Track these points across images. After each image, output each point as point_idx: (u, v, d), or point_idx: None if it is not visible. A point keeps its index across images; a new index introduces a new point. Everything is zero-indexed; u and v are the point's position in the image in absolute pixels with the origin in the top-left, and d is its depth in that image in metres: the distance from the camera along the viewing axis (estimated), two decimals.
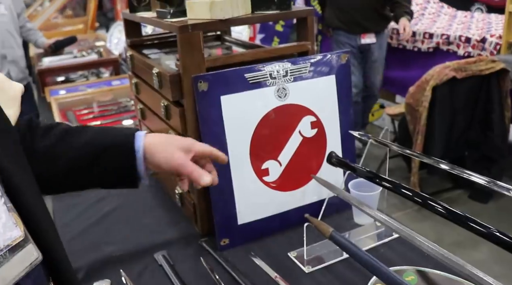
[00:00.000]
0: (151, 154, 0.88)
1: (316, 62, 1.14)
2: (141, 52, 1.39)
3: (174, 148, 0.89)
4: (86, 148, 0.87)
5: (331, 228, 1.01)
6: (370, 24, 3.51)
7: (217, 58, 1.08)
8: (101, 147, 0.87)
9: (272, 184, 1.14)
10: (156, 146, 0.88)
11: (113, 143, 0.88)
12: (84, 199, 1.39)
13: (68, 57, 3.09)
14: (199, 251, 1.12)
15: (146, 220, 1.27)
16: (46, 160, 0.85)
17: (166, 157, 0.87)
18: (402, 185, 0.93)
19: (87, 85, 2.76)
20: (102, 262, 1.10)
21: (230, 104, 1.06)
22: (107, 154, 0.87)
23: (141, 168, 0.89)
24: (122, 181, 0.91)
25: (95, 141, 0.88)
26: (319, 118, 1.16)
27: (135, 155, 0.87)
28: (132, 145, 0.87)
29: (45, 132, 0.87)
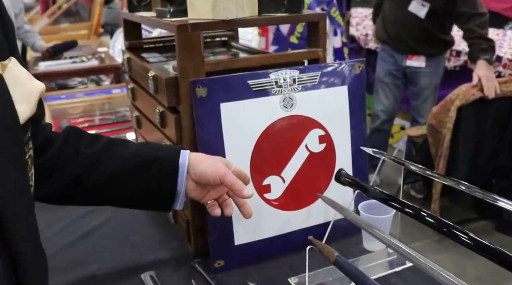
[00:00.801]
0: (197, 165, 0.94)
1: (327, 71, 1.13)
2: (139, 56, 1.39)
3: (217, 161, 0.96)
4: (131, 158, 0.93)
5: (336, 253, 0.99)
6: (418, 45, 3.17)
7: (219, 62, 1.07)
8: (146, 159, 0.93)
9: (274, 202, 1.12)
10: (200, 158, 0.96)
11: (158, 156, 0.94)
12: (70, 213, 1.38)
13: (66, 63, 3.12)
14: (191, 273, 1.10)
15: (135, 238, 1.25)
16: (91, 166, 0.92)
17: (211, 166, 0.94)
18: (421, 209, 0.89)
19: (85, 92, 2.78)
20: (83, 281, 1.08)
21: (231, 113, 1.05)
22: (151, 167, 0.93)
23: (181, 186, 0.94)
24: (158, 200, 0.96)
25: (140, 153, 0.94)
26: (328, 132, 1.14)
27: (178, 170, 0.93)
28: (177, 160, 0.94)
29: (92, 140, 0.95)
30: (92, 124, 2.28)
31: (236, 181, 0.93)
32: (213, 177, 0.93)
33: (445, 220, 0.83)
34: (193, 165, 0.94)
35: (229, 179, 0.93)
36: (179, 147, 0.99)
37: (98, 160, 0.92)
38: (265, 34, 4.12)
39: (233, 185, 0.93)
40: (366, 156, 1.22)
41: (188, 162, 0.94)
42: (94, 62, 3.12)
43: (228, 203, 1.00)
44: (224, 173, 0.93)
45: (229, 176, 0.93)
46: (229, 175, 0.93)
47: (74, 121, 2.29)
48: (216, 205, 0.99)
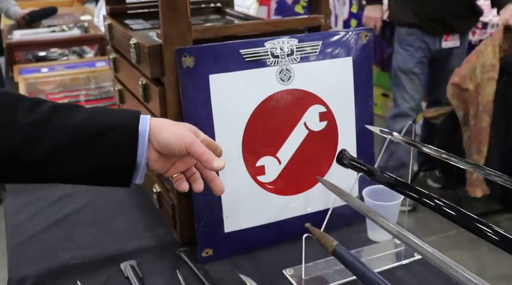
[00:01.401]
0: (159, 132, 0.90)
1: (330, 40, 1.12)
2: (122, 22, 1.38)
3: (184, 128, 0.93)
4: (79, 128, 0.87)
5: (335, 242, 0.99)
6: (458, 22, 3.09)
7: (207, 29, 1.07)
8: (99, 128, 0.87)
9: (268, 185, 1.12)
10: (164, 125, 0.91)
11: (113, 124, 0.88)
12: (44, 196, 1.39)
13: (45, 32, 3.11)
14: (176, 263, 1.11)
15: (116, 224, 1.26)
16: (29, 139, 0.85)
17: (176, 133, 0.90)
18: (436, 197, 0.88)
19: (65, 65, 2.78)
20: (56, 271, 1.09)
21: (221, 85, 1.05)
22: (105, 137, 0.87)
23: (142, 157, 0.89)
24: (115, 174, 0.90)
25: (91, 120, 0.88)
26: (330, 109, 1.14)
27: (137, 139, 0.88)
28: (136, 127, 0.88)
29: (32, 107, 0.87)
30: (73, 100, 2.28)
31: (205, 150, 0.90)
32: (178, 146, 0.89)
33: (465, 211, 0.82)
34: (155, 132, 0.90)
35: (197, 149, 0.90)
36: (138, 111, 0.92)
37: (39, 131, 0.85)
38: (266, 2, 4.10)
39: (202, 155, 0.90)
40: (372, 137, 1.22)
41: (150, 128, 0.89)
42: (76, 32, 3.11)
43: (197, 177, 0.96)
44: (191, 142, 0.90)
45: (197, 145, 0.90)
46: (196, 144, 0.90)
47: (52, 96, 2.29)
48: (183, 179, 0.96)
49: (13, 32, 3.06)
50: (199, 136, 0.94)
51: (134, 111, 0.93)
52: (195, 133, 0.94)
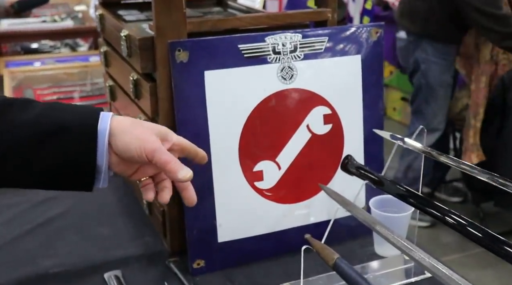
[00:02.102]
0: (119, 135, 0.87)
1: (337, 36, 1.13)
2: (115, 13, 1.40)
3: (148, 131, 0.89)
4: (30, 127, 0.84)
5: (336, 255, 1.00)
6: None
7: (203, 21, 1.09)
8: (52, 127, 0.85)
9: (266, 192, 1.13)
10: (125, 126, 0.88)
11: (68, 123, 0.85)
12: (27, 199, 1.40)
13: (35, 21, 3.14)
14: (165, 274, 1.12)
15: (102, 230, 1.28)
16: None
17: (138, 138, 0.86)
18: (452, 211, 0.88)
19: (56, 58, 2.80)
20: (34, 280, 1.10)
21: (217, 83, 1.06)
22: (60, 136, 0.84)
23: (102, 159, 0.86)
24: (74, 177, 0.88)
25: (43, 118, 0.85)
26: (336, 111, 1.15)
27: (96, 139, 0.85)
28: (95, 126, 0.85)
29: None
30: (63, 96, 2.30)
31: (170, 160, 0.86)
32: (138, 153, 0.86)
33: (485, 228, 0.82)
34: (115, 134, 0.86)
35: (160, 157, 0.86)
36: (98, 108, 0.89)
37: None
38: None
39: (165, 165, 0.86)
40: (382, 143, 1.22)
41: (110, 129, 0.86)
42: (69, 23, 3.14)
43: (166, 185, 0.92)
44: (154, 149, 0.86)
45: (160, 153, 0.86)
46: (159, 152, 0.86)
47: (41, 92, 2.32)
48: (149, 185, 0.92)
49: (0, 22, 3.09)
50: (170, 139, 0.91)
51: (94, 108, 0.89)
52: (164, 136, 0.90)
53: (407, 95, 4.54)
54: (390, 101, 4.97)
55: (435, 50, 3.22)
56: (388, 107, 5.00)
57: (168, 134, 0.91)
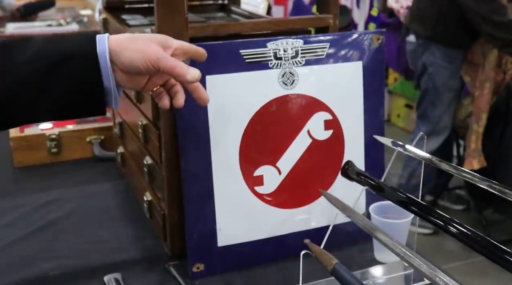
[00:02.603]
0: (120, 51, 0.89)
1: (338, 41, 1.14)
2: (119, 17, 1.41)
3: (148, 42, 0.91)
4: (34, 61, 0.87)
5: (335, 260, 1.00)
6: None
7: (205, 26, 1.09)
8: (54, 58, 0.87)
9: (266, 197, 1.14)
10: (124, 43, 0.90)
11: (68, 52, 0.88)
12: (29, 201, 1.42)
13: (40, 25, 3.15)
14: (164, 277, 1.12)
15: (103, 234, 1.28)
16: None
17: (140, 50, 0.89)
18: (453, 220, 0.87)
19: None
20: (34, 282, 1.11)
21: (218, 87, 1.06)
22: (62, 66, 0.87)
23: (109, 81, 0.89)
24: (84, 103, 0.91)
25: (45, 52, 0.88)
26: (336, 117, 1.16)
27: (98, 62, 0.88)
28: (94, 51, 0.88)
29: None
30: None
31: (175, 64, 0.89)
32: (144, 65, 0.88)
33: (484, 236, 0.81)
34: (116, 52, 0.88)
35: (165, 64, 0.88)
36: (93, 32, 0.92)
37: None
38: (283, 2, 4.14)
39: (172, 70, 0.89)
40: (383, 149, 1.22)
41: (109, 49, 0.88)
42: (74, 27, 3.15)
43: (177, 89, 0.95)
44: (157, 58, 0.88)
45: (165, 60, 0.89)
46: (164, 59, 0.89)
47: None
48: (163, 93, 0.95)
49: (6, 25, 3.11)
50: (171, 45, 0.92)
51: (90, 32, 0.92)
52: (164, 43, 0.92)
53: (411, 102, 4.55)
54: (394, 108, 4.97)
55: (443, 54, 3.24)
56: (392, 114, 5.00)
57: (167, 40, 0.93)
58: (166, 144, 1.11)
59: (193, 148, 1.07)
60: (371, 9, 3.97)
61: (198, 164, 1.08)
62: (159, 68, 0.89)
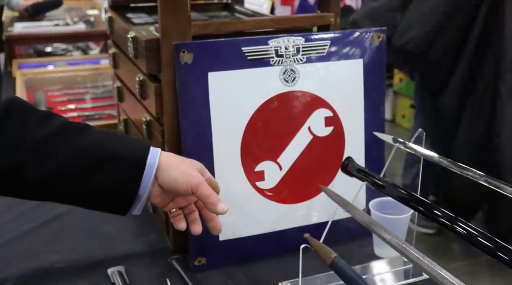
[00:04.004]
0: (168, 170, 0.95)
1: (339, 39, 1.15)
2: (124, 16, 1.43)
3: (191, 166, 0.98)
4: (87, 151, 0.92)
5: (334, 254, 1.01)
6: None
7: (208, 24, 1.11)
8: (105, 155, 0.93)
9: (267, 192, 1.15)
10: (172, 162, 0.97)
11: (120, 153, 0.94)
12: None
13: (48, 25, 3.18)
14: (167, 271, 1.14)
15: (106, 228, 1.30)
16: (36, 155, 0.89)
17: (184, 173, 0.96)
18: (457, 218, 0.88)
19: (68, 61, 2.84)
20: (38, 274, 1.13)
21: (220, 84, 1.08)
22: (111, 165, 0.93)
23: (145, 191, 0.95)
24: (113, 202, 0.96)
25: (99, 145, 0.93)
26: (337, 114, 1.17)
27: (143, 172, 0.94)
28: (144, 160, 0.94)
29: (43, 121, 0.92)
30: (73, 98, 2.33)
31: (211, 193, 0.96)
32: (184, 186, 0.95)
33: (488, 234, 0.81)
34: (163, 169, 0.95)
35: (204, 191, 0.96)
36: (148, 143, 0.99)
37: (47, 147, 0.90)
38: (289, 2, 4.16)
39: (208, 197, 0.96)
40: (383, 146, 1.24)
41: (158, 164, 0.95)
42: (81, 26, 3.18)
43: (196, 217, 1.03)
44: (198, 183, 0.95)
45: (204, 187, 0.96)
46: (203, 186, 0.96)
47: (51, 94, 2.35)
48: (181, 216, 1.02)
49: (14, 25, 3.14)
50: (205, 174, 1.00)
51: (144, 142, 0.99)
52: (201, 171, 0.99)
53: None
54: (399, 108, 4.98)
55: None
56: (397, 114, 5.00)
57: (203, 169, 1.01)
58: (169, 140, 1.12)
59: (195, 144, 1.09)
60: None
61: (200, 160, 1.09)
62: (197, 192, 0.95)
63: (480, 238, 0.82)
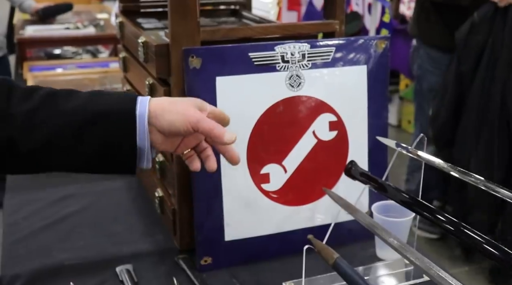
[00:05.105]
0: (162, 114, 0.93)
1: (343, 46, 1.18)
2: (134, 21, 1.46)
3: (187, 105, 0.96)
4: (75, 114, 0.91)
5: (336, 254, 1.03)
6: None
7: (216, 30, 1.14)
8: (93, 114, 0.91)
9: (272, 194, 1.18)
10: (165, 106, 0.95)
11: (108, 109, 0.92)
12: (45, 196, 1.46)
13: (58, 28, 3.22)
14: (173, 270, 1.17)
15: (116, 228, 1.33)
16: (25, 128, 0.89)
17: (181, 114, 0.93)
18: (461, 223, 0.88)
19: (78, 64, 2.87)
20: (49, 271, 1.15)
21: (228, 88, 1.11)
22: (100, 122, 0.92)
23: (144, 141, 0.93)
24: (116, 160, 0.95)
25: (86, 106, 0.92)
26: (341, 118, 1.20)
27: (135, 124, 0.92)
28: (133, 111, 0.92)
29: (26, 94, 0.91)
30: None
31: (214, 126, 0.94)
32: (184, 127, 0.93)
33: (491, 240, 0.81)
34: (156, 115, 0.93)
35: (205, 125, 0.93)
36: (136, 94, 0.97)
37: (34, 119, 0.90)
38: (296, 8, 4.18)
39: (211, 131, 0.93)
40: (386, 151, 1.26)
41: (149, 112, 0.93)
42: (91, 30, 3.21)
43: (209, 153, 1.00)
44: (197, 120, 0.93)
45: (204, 122, 0.93)
46: (203, 121, 0.93)
47: None
48: (194, 156, 1.00)
49: (25, 27, 3.17)
50: (205, 108, 0.97)
51: (131, 94, 0.97)
52: (201, 107, 0.97)
53: None
54: (405, 114, 4.98)
55: (430, 59, 3.17)
56: (403, 120, 5.01)
57: (203, 104, 0.98)
58: None
59: None
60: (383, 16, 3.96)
61: None
62: (198, 129, 0.94)
63: (484, 244, 0.82)
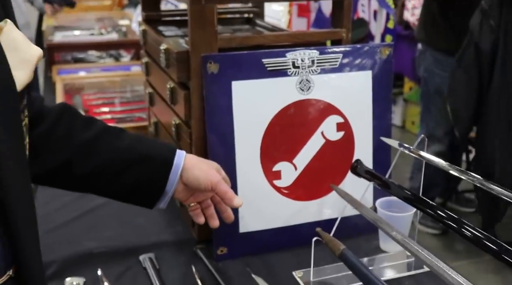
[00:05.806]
0: (191, 169, 1.07)
1: (350, 53, 1.21)
2: (156, 29, 1.50)
3: (210, 166, 1.09)
4: (125, 152, 1.05)
5: (343, 246, 1.06)
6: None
7: (232, 38, 1.17)
8: (140, 156, 1.06)
9: (283, 190, 1.21)
10: (194, 163, 1.08)
11: (152, 154, 1.06)
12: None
13: (84, 34, 3.27)
14: (192, 259, 1.20)
15: (139, 220, 1.36)
16: (82, 154, 1.02)
17: (205, 172, 1.07)
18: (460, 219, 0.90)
19: (102, 67, 2.91)
20: (79, 258, 1.19)
21: (243, 92, 1.14)
22: (144, 164, 1.05)
23: (171, 187, 1.07)
24: (143, 197, 1.08)
25: (134, 148, 1.06)
26: (348, 120, 1.22)
27: (170, 171, 1.06)
28: (172, 160, 1.06)
29: (87, 125, 1.05)
30: (106, 101, 2.41)
31: (228, 189, 1.07)
32: (205, 184, 1.05)
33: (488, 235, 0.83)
34: (187, 168, 1.06)
35: (222, 188, 1.06)
36: (175, 146, 1.11)
37: (91, 148, 1.03)
38: (306, 14, 4.20)
39: (225, 193, 1.06)
40: (389, 151, 1.28)
41: (183, 164, 1.06)
42: (114, 36, 3.25)
43: (212, 212, 1.12)
44: (218, 181, 1.05)
45: (222, 184, 1.06)
46: (222, 183, 1.06)
47: (87, 97, 2.42)
48: (199, 210, 1.13)
49: (54, 33, 3.23)
50: (221, 173, 1.10)
51: (171, 145, 1.11)
52: (218, 171, 1.09)
53: None
54: (409, 115, 5.00)
55: (436, 61, 3.16)
56: (407, 121, 5.03)
57: (219, 169, 1.11)
58: (196, 141, 1.19)
59: (219, 145, 1.15)
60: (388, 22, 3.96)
61: (223, 160, 1.15)
62: (216, 189, 1.06)
63: (483, 240, 0.84)
